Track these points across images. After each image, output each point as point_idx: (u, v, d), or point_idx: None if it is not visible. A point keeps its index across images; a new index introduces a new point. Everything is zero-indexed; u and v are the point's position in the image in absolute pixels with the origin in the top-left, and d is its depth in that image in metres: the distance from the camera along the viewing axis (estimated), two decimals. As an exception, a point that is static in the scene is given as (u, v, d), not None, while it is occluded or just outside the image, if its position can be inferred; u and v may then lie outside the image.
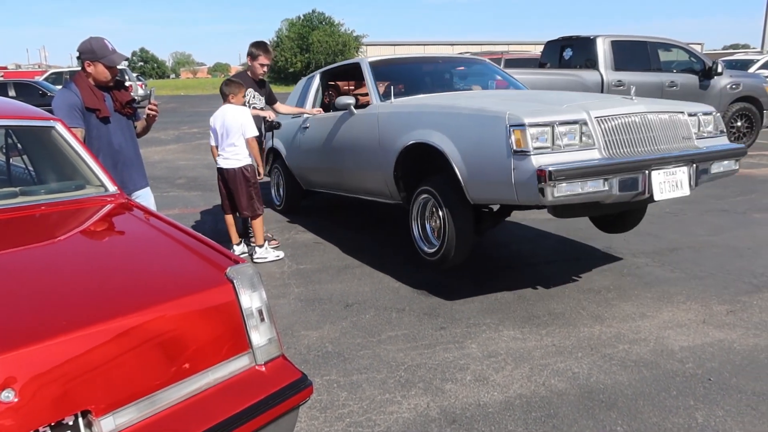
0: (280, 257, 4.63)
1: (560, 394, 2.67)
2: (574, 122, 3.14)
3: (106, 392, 1.53)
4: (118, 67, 3.37)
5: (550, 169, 2.94)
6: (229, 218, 4.71)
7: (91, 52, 3.25)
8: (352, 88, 6.28)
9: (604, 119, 3.23)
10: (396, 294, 3.88)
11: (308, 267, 4.47)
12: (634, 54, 8.95)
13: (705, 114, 3.74)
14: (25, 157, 2.96)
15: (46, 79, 21.29)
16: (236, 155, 4.44)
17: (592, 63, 8.80)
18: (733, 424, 2.41)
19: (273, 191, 6.44)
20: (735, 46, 69.24)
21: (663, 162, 3.28)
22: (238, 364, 1.82)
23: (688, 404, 2.56)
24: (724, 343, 3.11)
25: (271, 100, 5.13)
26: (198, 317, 1.77)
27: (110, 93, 3.39)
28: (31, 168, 2.90)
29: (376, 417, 2.51)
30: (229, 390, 1.76)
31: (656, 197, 3.27)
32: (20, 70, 41.23)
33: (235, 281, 1.85)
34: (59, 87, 19.90)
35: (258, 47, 4.78)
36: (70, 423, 1.48)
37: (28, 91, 17.19)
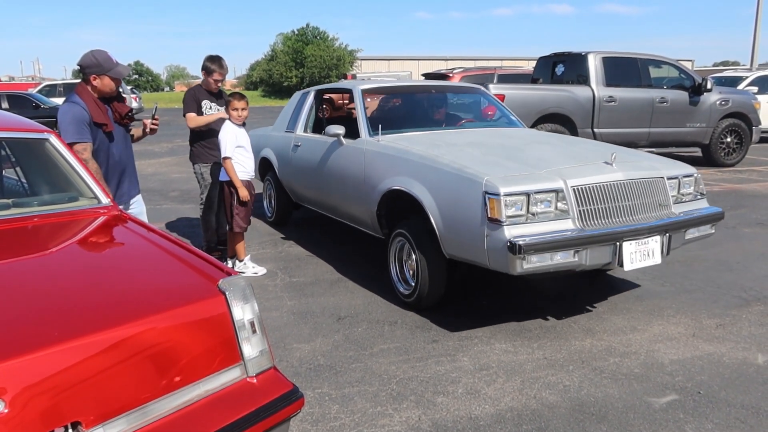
0: (258, 274, 4.58)
1: (551, 406, 2.68)
2: (551, 191, 3.15)
3: (96, 404, 1.53)
4: None
5: (521, 243, 2.95)
6: (229, 231, 4.71)
7: (97, 65, 3.27)
8: (347, 101, 6.32)
9: (581, 189, 3.23)
10: (388, 307, 3.89)
11: (301, 280, 4.48)
12: (624, 70, 9.07)
13: (686, 176, 3.69)
14: (18, 168, 2.97)
15: (39, 92, 21.29)
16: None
17: (583, 79, 8.91)
18: (723, 437, 2.43)
19: (265, 203, 6.45)
20: (725, 63, 70.09)
21: (636, 233, 3.25)
22: (230, 375, 1.82)
23: (678, 417, 2.58)
24: (713, 357, 3.14)
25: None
26: (190, 329, 1.78)
27: (110, 105, 3.43)
28: (24, 180, 2.90)
29: (368, 430, 2.51)
30: (221, 402, 1.76)
31: (626, 267, 3.28)
32: (14, 82, 41.22)
33: (227, 293, 1.86)
34: (53, 99, 19.94)
35: (213, 62, 4.76)
36: (60, 435, 1.48)
37: (21, 103, 17.17)
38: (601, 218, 3.26)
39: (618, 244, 3.22)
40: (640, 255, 3.31)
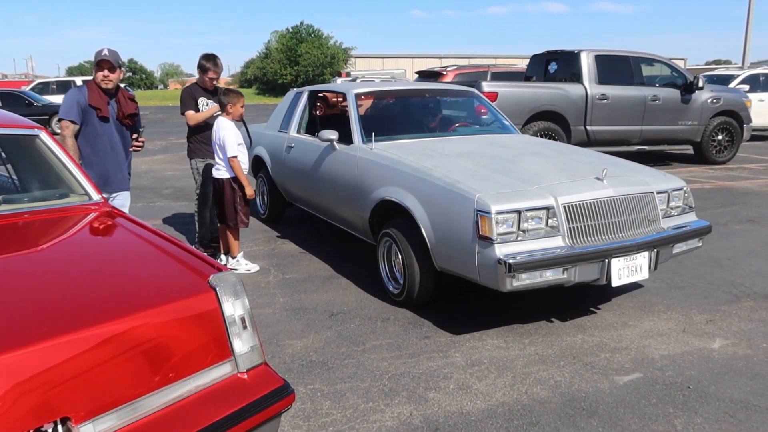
0: (251, 271, 4.59)
1: (542, 402, 2.69)
2: (542, 208, 3.17)
3: (86, 399, 1.53)
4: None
5: (511, 261, 2.97)
6: (222, 228, 4.71)
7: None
8: (341, 99, 6.31)
9: (572, 206, 3.24)
10: (381, 304, 3.90)
11: (294, 277, 4.48)
12: (617, 68, 9.10)
13: (675, 190, 3.70)
14: (8, 165, 2.95)
15: (32, 89, 21.16)
16: (224, 167, 4.48)
17: (576, 77, 8.93)
18: (711, 431, 2.45)
19: (258, 200, 6.44)
20: (717, 62, 70.31)
21: (625, 249, 3.28)
22: (221, 371, 1.82)
23: (668, 412, 2.60)
24: (703, 352, 3.16)
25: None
26: (180, 325, 1.78)
27: (117, 102, 3.88)
28: (14, 176, 2.89)
29: (360, 425, 2.52)
30: (211, 397, 1.76)
31: (614, 283, 3.30)
32: (7, 80, 40.97)
33: (217, 289, 1.86)
34: (46, 97, 19.89)
35: (208, 60, 4.80)
36: (49, 431, 1.48)
37: (14, 100, 17.07)
38: (590, 235, 3.28)
39: (606, 260, 3.24)
40: (627, 271, 3.34)
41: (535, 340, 3.33)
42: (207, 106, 4.84)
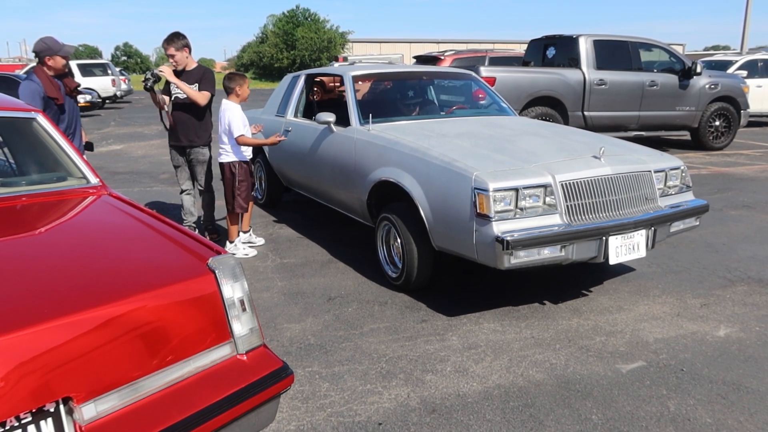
0: (249, 255, 4.62)
1: (538, 384, 2.72)
2: (539, 186, 3.17)
3: (87, 380, 1.54)
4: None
5: (508, 238, 2.98)
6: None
7: (48, 49, 4.00)
8: (338, 84, 6.28)
9: (569, 184, 3.25)
10: (378, 288, 3.92)
11: (292, 261, 4.49)
12: (615, 53, 9.06)
13: (672, 169, 3.72)
14: (5, 149, 2.94)
15: (26, 73, 21.01)
16: (225, 151, 4.52)
17: (574, 62, 8.90)
18: (704, 412, 2.49)
19: (255, 185, 6.43)
20: (716, 48, 70.13)
21: (622, 227, 3.30)
22: (220, 353, 1.84)
23: (661, 393, 2.63)
24: (697, 335, 3.20)
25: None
26: (180, 307, 1.79)
27: (62, 81, 4.09)
28: (11, 160, 2.88)
29: (357, 407, 2.55)
30: (211, 378, 1.78)
31: (611, 261, 3.32)
32: (0, 63, 40.62)
33: (216, 272, 1.87)
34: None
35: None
36: (51, 410, 1.50)
37: (7, 84, 16.91)
38: (588, 213, 3.29)
39: (604, 238, 3.26)
40: (625, 249, 3.35)
41: (531, 324, 3.36)
42: (176, 89, 4.67)
